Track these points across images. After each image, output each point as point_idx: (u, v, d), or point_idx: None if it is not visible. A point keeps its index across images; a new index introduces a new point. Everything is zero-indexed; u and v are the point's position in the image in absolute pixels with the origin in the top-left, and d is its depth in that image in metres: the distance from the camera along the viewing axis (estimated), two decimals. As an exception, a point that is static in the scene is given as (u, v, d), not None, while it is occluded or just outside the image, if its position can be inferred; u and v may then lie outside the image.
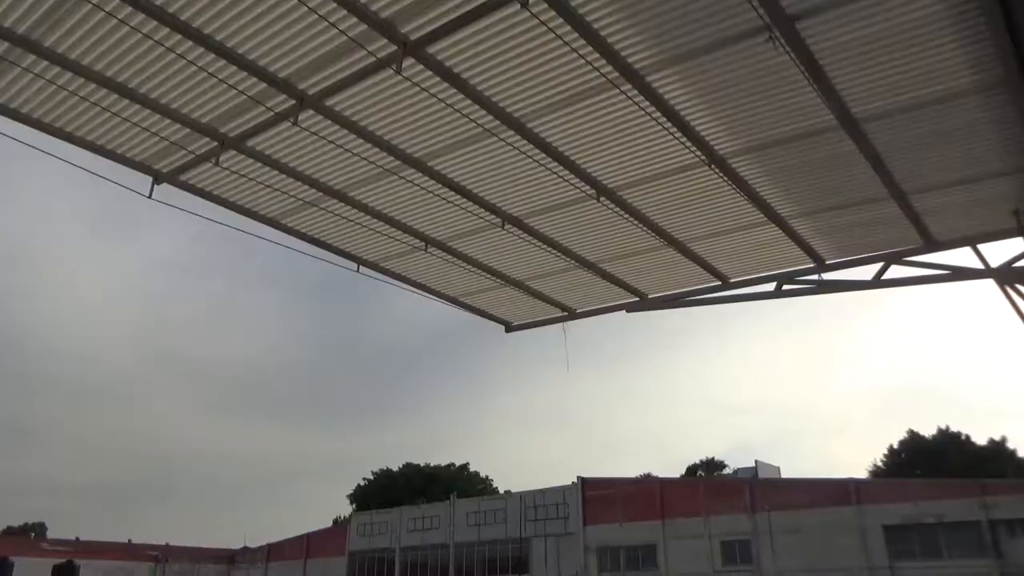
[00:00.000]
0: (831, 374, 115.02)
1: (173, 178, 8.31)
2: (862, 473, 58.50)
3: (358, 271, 10.44)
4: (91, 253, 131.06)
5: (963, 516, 36.16)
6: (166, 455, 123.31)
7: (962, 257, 9.71)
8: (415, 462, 77.71)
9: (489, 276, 10.74)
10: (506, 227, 9.33)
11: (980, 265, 9.50)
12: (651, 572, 44.75)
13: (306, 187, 8.58)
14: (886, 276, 9.82)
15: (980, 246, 9.50)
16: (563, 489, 50.69)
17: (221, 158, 7.93)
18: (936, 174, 8.28)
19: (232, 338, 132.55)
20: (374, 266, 10.50)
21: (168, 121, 7.44)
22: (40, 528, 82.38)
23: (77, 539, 63.25)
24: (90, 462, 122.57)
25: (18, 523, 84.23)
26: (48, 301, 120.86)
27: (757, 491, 43.27)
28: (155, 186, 8.27)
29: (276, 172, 8.29)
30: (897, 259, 9.78)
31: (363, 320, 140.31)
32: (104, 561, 57.80)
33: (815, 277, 10.13)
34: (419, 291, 11.22)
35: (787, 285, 10.27)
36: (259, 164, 8.15)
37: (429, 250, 9.94)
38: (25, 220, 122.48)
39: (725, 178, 8.23)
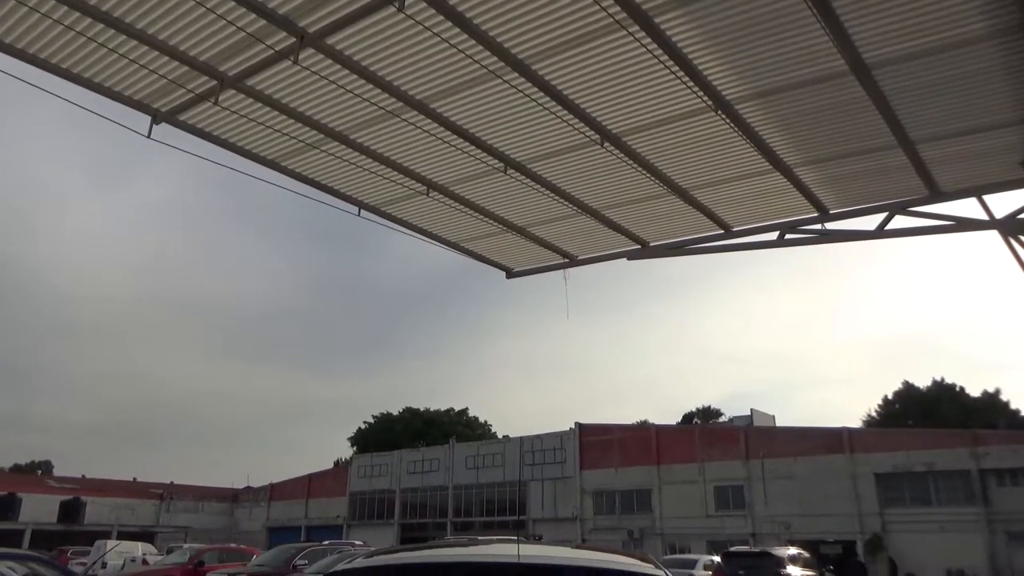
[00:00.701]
0: (829, 325, 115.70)
1: (172, 118, 8.20)
2: (856, 423, 59.30)
3: (359, 215, 10.40)
4: (90, 195, 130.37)
5: (953, 465, 36.85)
6: (169, 397, 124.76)
7: (966, 208, 9.66)
8: (415, 407, 78.74)
9: (491, 221, 10.70)
10: (509, 172, 9.25)
11: (984, 216, 9.45)
12: (645, 515, 45.80)
13: (307, 129, 8.48)
14: (889, 226, 9.78)
15: (985, 197, 9.45)
16: (560, 434, 51.54)
17: (220, 97, 7.82)
18: (946, 123, 8.17)
19: (232, 281, 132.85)
20: (375, 210, 10.44)
21: (166, 59, 7.31)
22: (46, 466, 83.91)
23: (83, 477, 64.51)
24: (94, 403, 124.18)
25: (24, 461, 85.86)
26: (48, 243, 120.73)
27: (752, 438, 44.00)
28: (154, 126, 8.17)
29: (276, 113, 8.18)
30: (901, 209, 9.72)
31: (363, 265, 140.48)
32: (110, 498, 59.06)
33: (818, 227, 10.09)
34: (420, 236, 11.19)
35: (790, 234, 10.24)
36: (259, 104, 8.03)
37: (431, 194, 9.88)
38: (24, 161, 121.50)
39: (731, 124, 8.12)
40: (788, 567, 18.50)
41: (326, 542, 24.34)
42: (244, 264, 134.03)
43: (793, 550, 20.52)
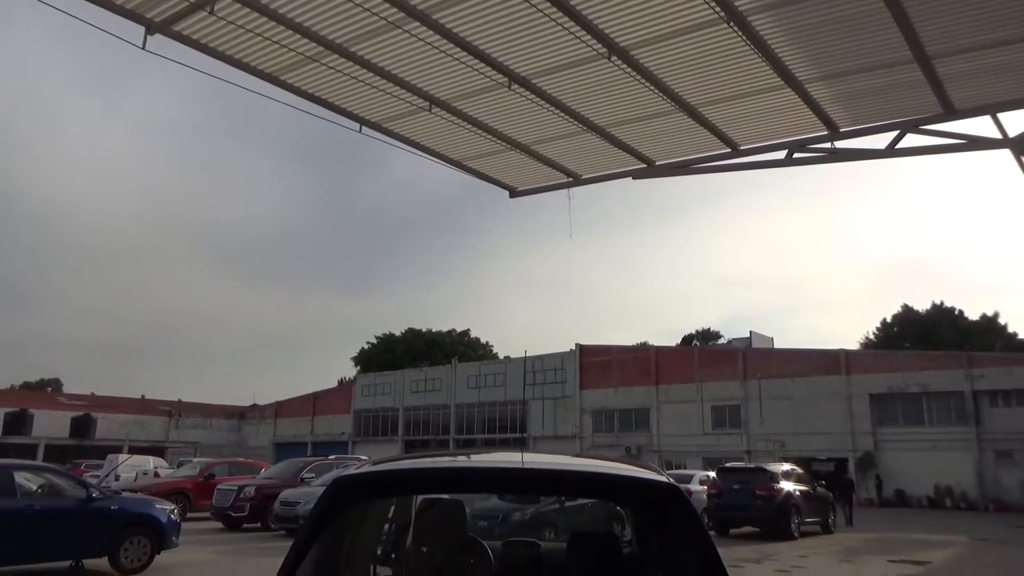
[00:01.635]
0: (831, 248, 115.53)
1: (166, 28, 7.93)
2: (854, 346, 59.94)
3: (360, 131, 10.20)
4: (86, 113, 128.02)
5: (948, 386, 37.50)
6: (173, 317, 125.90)
7: (979, 127, 9.47)
8: (417, 328, 79.50)
9: (494, 139, 10.51)
10: (513, 87, 9.03)
11: (997, 135, 9.27)
12: (643, 433, 46.88)
13: (306, 40, 8.22)
14: (900, 145, 9.61)
15: (1000, 115, 9.24)
16: (561, 355, 52.25)
17: (216, 6, 7.54)
18: (964, 36, 7.90)
19: (233, 202, 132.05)
20: (376, 126, 10.24)
21: (158, -36, 7.03)
22: (56, 383, 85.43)
23: (92, 394, 65.75)
24: (100, 323, 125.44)
25: (34, 379, 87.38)
26: (44, 162, 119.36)
27: (750, 360, 44.61)
28: (148, 37, 7.92)
29: (275, 23, 7.91)
30: (913, 127, 9.53)
31: (364, 187, 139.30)
32: (119, 415, 60.39)
33: (827, 145, 9.91)
34: (422, 154, 11.02)
35: (798, 153, 10.07)
36: (256, 14, 7.76)
37: (433, 111, 9.67)
38: (16, 78, 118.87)
39: (743, 37, 7.87)
40: (781, 481, 19.04)
41: (332, 456, 25.01)
42: (245, 184, 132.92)
43: (786, 466, 21.07)
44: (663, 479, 2.69)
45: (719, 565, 2.42)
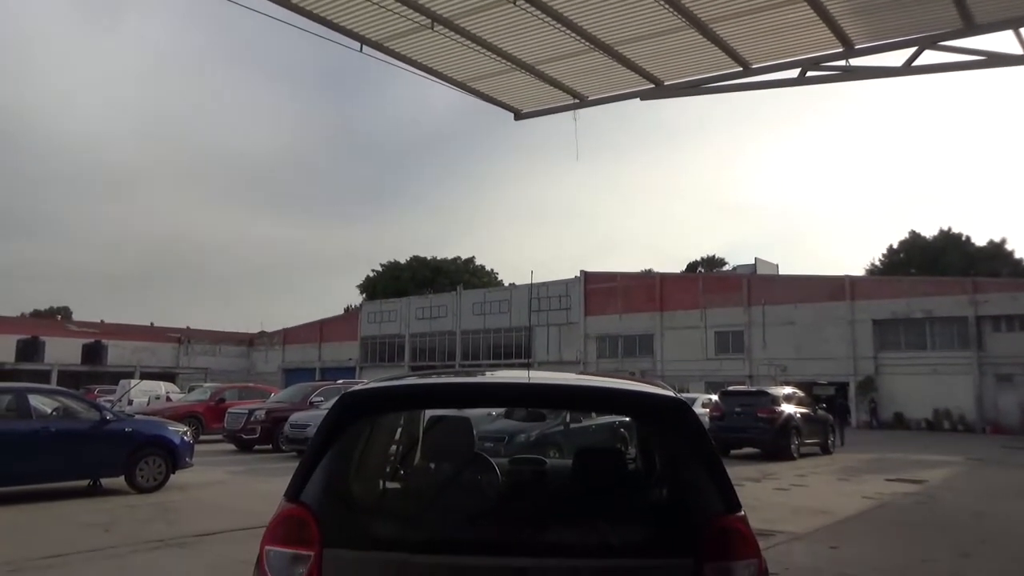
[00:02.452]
0: (840, 174, 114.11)
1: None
2: (860, 272, 59.84)
3: (361, 51, 9.91)
4: (83, 41, 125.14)
5: (952, 312, 37.61)
6: (179, 246, 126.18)
7: (1000, 42, 9.14)
8: (422, 255, 79.54)
9: (499, 58, 10.22)
10: (518, 3, 8.71)
11: (1020, 51, 8.96)
12: (647, 358, 47.39)
13: (302, -47, 7.91)
14: (918, 62, 9.30)
15: (1023, 30, 8.90)
16: (566, 282, 52.41)
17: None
18: (990, -55, 7.55)
19: (235, 129, 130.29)
20: (377, 46, 9.94)
21: None
22: (65, 312, 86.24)
23: (102, 321, 66.47)
24: (107, 252, 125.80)
25: (43, 307, 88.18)
26: (44, 93, 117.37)
27: (754, 286, 44.67)
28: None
29: (269, -66, 7.60)
30: (931, 43, 9.20)
31: (366, 112, 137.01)
32: (130, 342, 61.20)
33: (842, 63, 9.61)
34: (425, 74, 10.74)
35: (812, 71, 9.77)
36: (250, -76, 7.45)
37: (436, 28, 9.36)
38: (11, 5, 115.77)
39: (758, -53, 7.53)
40: (782, 404, 19.30)
41: (340, 381, 25.39)
42: (247, 112, 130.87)
43: (788, 389, 21.33)
44: (670, 394, 2.68)
45: (725, 477, 2.44)
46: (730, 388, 22.90)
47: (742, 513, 2.42)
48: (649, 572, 2.20)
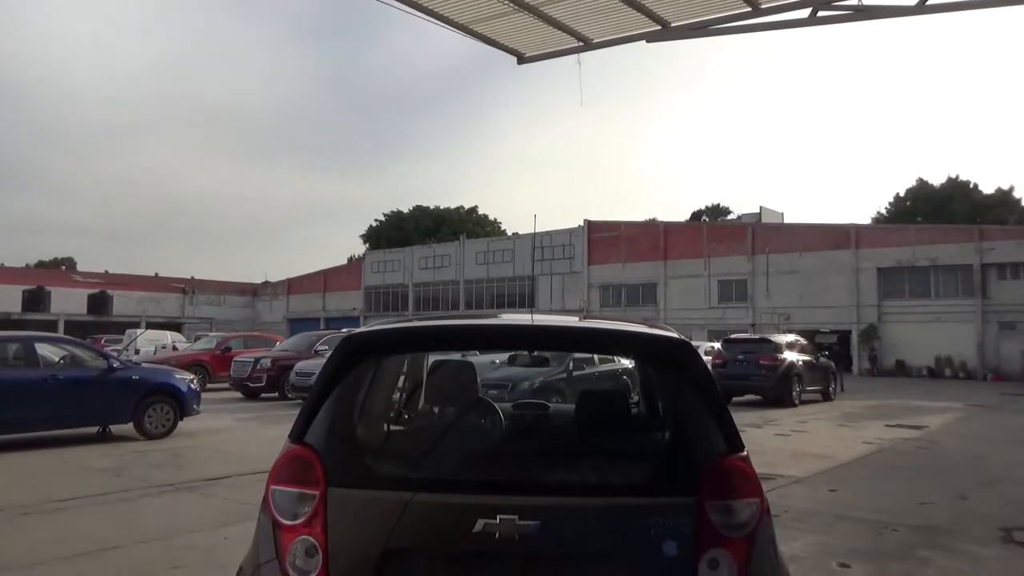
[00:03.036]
0: (848, 121, 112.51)
1: None
2: (866, 221, 59.49)
3: (360, -8, 9.68)
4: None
5: (957, 260, 37.49)
6: (181, 197, 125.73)
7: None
8: (424, 205, 79.11)
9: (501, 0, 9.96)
10: (521, -60, 8.45)
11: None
12: (650, 307, 47.48)
13: None
14: (931, 1, 9.04)
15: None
16: (570, 231, 52.21)
17: None
18: None
19: (233, 79, 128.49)
20: (377, -13, 9.69)
21: None
22: (70, 263, 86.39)
23: (106, 272, 66.63)
24: (109, 203, 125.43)
25: (48, 258, 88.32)
26: (43, 41, 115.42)
27: (759, 234, 44.47)
28: None
29: None
30: (946, -18, 8.94)
31: (366, 60, 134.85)
32: (135, 292, 61.46)
33: (854, 2, 9.34)
34: (427, 17, 10.48)
35: (823, 11, 9.51)
36: None
37: (436, -32, 9.11)
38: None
39: None
40: (785, 352, 19.39)
41: (344, 330, 25.51)
42: (246, 61, 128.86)
43: (791, 337, 21.39)
44: (676, 335, 2.67)
45: (728, 418, 2.44)
46: (733, 336, 22.95)
47: (745, 453, 2.42)
48: (651, 511, 2.22)
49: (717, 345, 22.27)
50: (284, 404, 17.46)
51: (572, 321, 3.06)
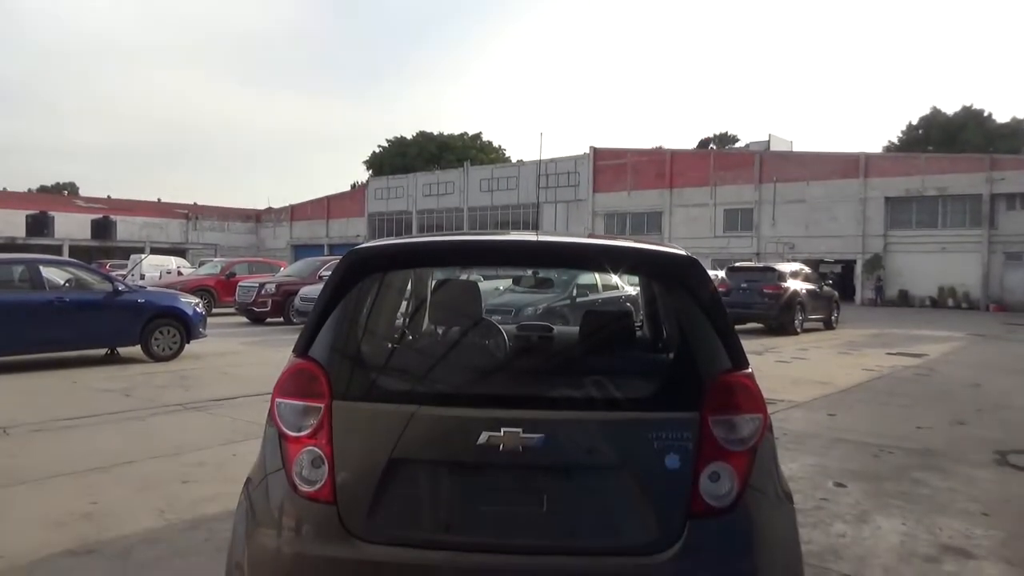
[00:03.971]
0: (863, 47, 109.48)
1: None
2: (877, 149, 58.57)
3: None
4: None
5: (966, 189, 37.10)
6: (184, 122, 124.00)
7: None
8: (428, 131, 77.97)
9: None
10: None
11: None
12: (654, 236, 47.28)
13: None
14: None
15: None
16: (575, 158, 51.62)
17: None
18: None
19: (235, 5, 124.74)
20: None
21: None
22: (72, 188, 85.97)
23: (109, 197, 66.33)
24: (111, 127, 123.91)
25: (50, 183, 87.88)
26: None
27: (767, 163, 43.93)
28: None
29: None
30: None
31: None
32: (138, 217, 61.32)
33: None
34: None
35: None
36: None
37: None
38: None
39: None
40: (788, 280, 19.39)
41: (349, 255, 25.50)
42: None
43: (795, 265, 21.36)
44: (683, 252, 2.63)
45: (733, 335, 2.42)
46: (737, 264, 22.92)
47: (749, 370, 2.42)
48: (654, 425, 2.23)
49: (721, 274, 22.24)
50: (289, 329, 17.61)
51: (578, 238, 3.03)
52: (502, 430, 2.17)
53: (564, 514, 2.20)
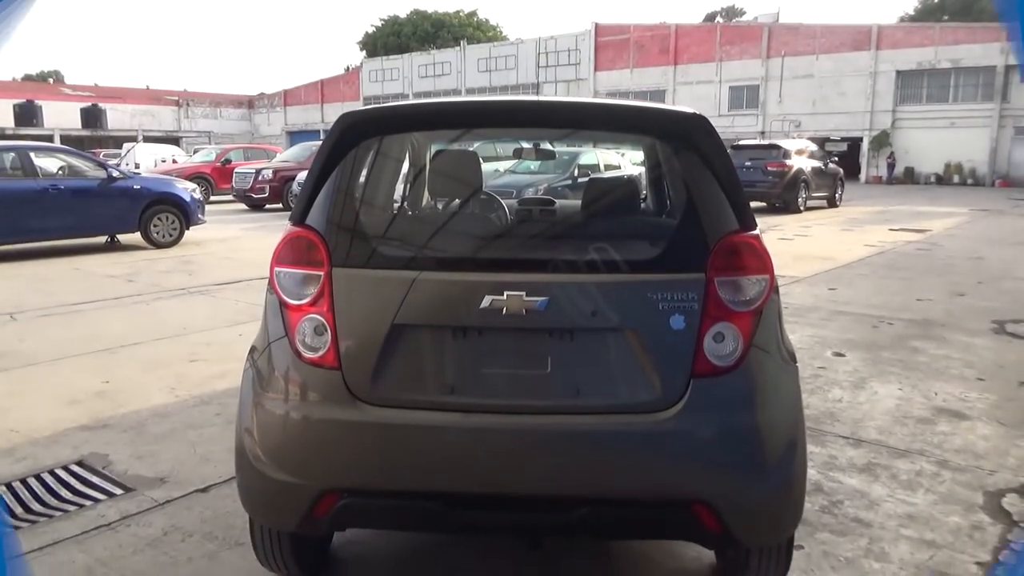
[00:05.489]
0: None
1: None
2: (891, 21, 56.20)
3: None
4: None
5: (981, 61, 35.88)
6: (168, 4, 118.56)
7: None
8: (422, 8, 74.75)
9: None
10: None
11: None
12: (658, 115, 46.25)
13: None
14: None
15: None
16: (576, 35, 49.76)
17: None
18: None
19: None
20: None
21: None
22: (57, 75, 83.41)
23: (96, 85, 64.50)
24: (96, 7, 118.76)
25: (34, 71, 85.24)
26: None
27: (775, 36, 42.31)
28: None
29: None
30: None
31: None
32: (129, 105, 59.85)
33: None
34: None
35: None
36: None
37: None
38: None
39: None
40: (793, 157, 19.08)
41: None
42: None
43: (801, 143, 20.97)
44: (692, 110, 2.53)
45: (741, 195, 2.36)
46: (741, 142, 22.48)
47: (757, 232, 2.37)
48: (659, 286, 2.19)
49: (725, 152, 21.86)
50: (288, 214, 17.55)
51: (581, 99, 2.91)
52: (505, 293, 2.15)
53: (568, 375, 2.21)
